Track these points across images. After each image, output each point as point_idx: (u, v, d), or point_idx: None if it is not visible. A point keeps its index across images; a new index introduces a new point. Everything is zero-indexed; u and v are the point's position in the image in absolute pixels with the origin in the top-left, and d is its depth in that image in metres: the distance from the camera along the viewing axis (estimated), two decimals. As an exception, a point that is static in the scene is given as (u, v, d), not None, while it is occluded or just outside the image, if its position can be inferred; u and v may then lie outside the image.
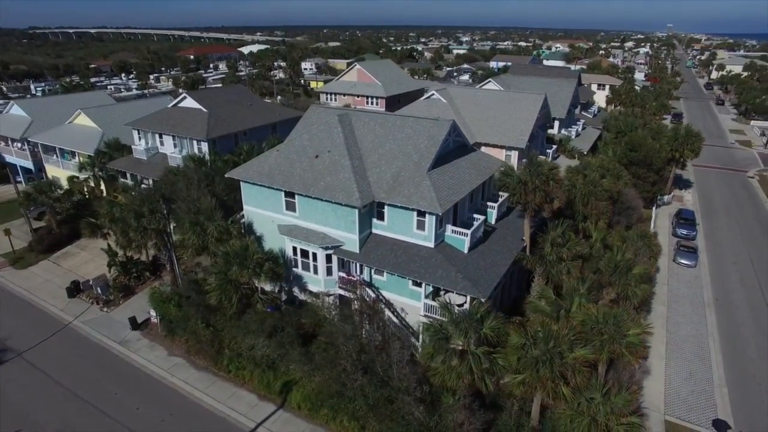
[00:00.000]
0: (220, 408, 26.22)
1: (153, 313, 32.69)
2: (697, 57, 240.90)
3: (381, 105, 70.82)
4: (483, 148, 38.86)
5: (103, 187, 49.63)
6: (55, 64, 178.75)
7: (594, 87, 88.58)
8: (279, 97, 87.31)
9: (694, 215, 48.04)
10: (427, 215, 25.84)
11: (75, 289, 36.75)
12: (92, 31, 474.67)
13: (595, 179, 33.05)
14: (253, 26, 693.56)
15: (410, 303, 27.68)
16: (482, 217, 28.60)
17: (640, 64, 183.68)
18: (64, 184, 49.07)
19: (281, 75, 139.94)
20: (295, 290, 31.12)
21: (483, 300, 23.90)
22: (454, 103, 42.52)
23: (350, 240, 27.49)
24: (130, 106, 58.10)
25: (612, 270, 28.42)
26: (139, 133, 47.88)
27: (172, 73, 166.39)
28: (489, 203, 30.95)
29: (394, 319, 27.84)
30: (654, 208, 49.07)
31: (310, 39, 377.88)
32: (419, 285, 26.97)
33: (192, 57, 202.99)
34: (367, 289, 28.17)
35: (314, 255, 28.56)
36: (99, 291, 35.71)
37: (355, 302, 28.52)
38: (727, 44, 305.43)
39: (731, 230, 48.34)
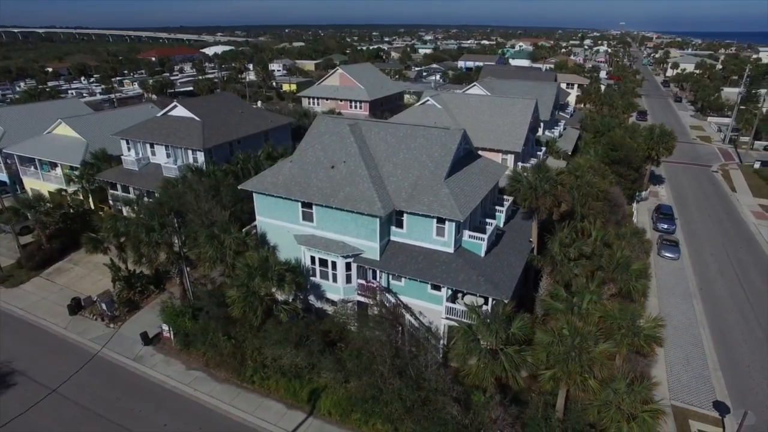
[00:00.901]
0: (250, 419, 26.47)
1: (165, 327, 32.45)
2: (652, 55, 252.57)
3: (365, 109, 71.42)
4: (479, 153, 40.17)
5: (90, 199, 48.46)
6: (6, 67, 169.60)
7: (563, 86, 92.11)
8: (259, 102, 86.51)
9: (672, 210, 51.13)
10: (446, 222, 26.89)
11: (76, 306, 35.91)
12: (40, 30, 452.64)
13: (591, 180, 34.94)
14: (212, 26, 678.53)
15: (429, 306, 28.69)
16: (494, 222, 29.91)
17: (601, 62, 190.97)
18: (46, 196, 47.51)
19: (250, 77, 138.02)
20: (311, 298, 31.59)
21: (506, 301, 25.15)
22: (448, 108, 43.77)
23: (370, 248, 28.22)
24: (111, 115, 56.61)
25: (614, 267, 30.30)
26: (128, 143, 46.86)
27: (135, 76, 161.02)
28: (497, 207, 32.30)
29: (415, 323, 28.75)
30: (634, 204, 51.90)
31: (274, 39, 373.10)
32: (438, 289, 28.03)
33: (154, 59, 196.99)
34: (387, 294, 29.01)
35: (333, 264, 29.13)
36: (104, 307, 35.02)
37: (375, 308, 29.35)
38: (676, 43, 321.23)
39: (704, 222, 51.74)
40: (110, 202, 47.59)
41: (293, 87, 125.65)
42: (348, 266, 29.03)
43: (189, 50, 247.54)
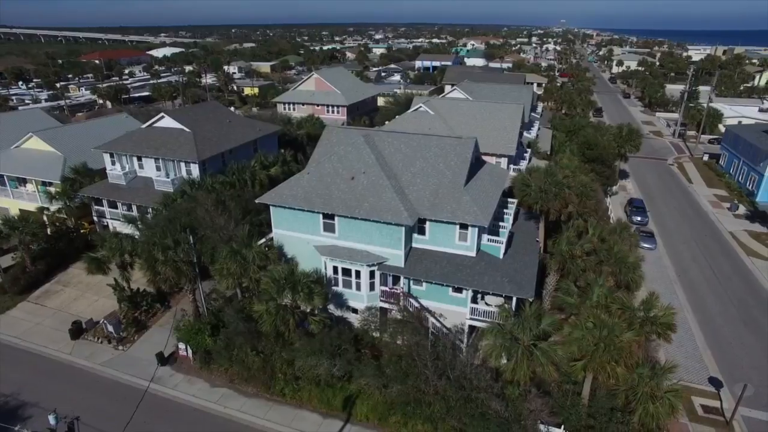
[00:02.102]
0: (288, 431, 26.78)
1: (181, 345, 31.99)
2: (595, 52, 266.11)
3: (342, 113, 71.73)
4: (474, 156, 41.85)
5: (73, 216, 46.34)
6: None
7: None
8: (233, 109, 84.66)
9: (644, 203, 55.02)
10: (469, 228, 28.24)
11: (78, 330, 34.60)
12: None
13: (584, 180, 37.29)
14: (153, 26, 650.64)
15: (451, 308, 29.98)
16: (508, 225, 31.53)
17: (550, 60, 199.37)
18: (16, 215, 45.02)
19: (207, 81, 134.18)
20: (330, 307, 32.05)
21: (531, 299, 26.79)
22: (440, 114, 45.20)
23: (395, 255, 29.12)
24: (85, 126, 54.30)
25: (613, 261, 32.72)
26: (112, 157, 45.19)
27: (81, 80, 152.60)
28: (504, 210, 33.98)
29: (438, 325, 29.93)
30: (608, 199, 55.40)
31: (222, 40, 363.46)
32: (460, 291, 29.38)
33: (98, 62, 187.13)
34: (410, 299, 30.03)
35: (357, 273, 29.79)
36: (111, 329, 33.96)
37: (397, 313, 30.31)
38: (616, 41, 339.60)
39: (671, 213, 56.05)
40: (95, 218, 45.84)
41: (255, 90, 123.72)
42: (372, 274, 29.78)
43: (135, 52, 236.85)
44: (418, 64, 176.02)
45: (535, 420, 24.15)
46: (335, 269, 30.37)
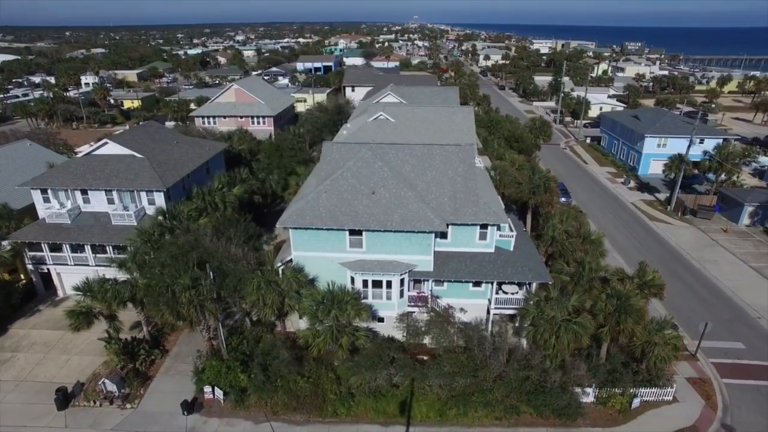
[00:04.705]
0: (357, 448, 27.15)
1: (207, 388, 30.01)
2: (456, 47, 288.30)
3: (269, 124, 69.53)
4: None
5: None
6: None
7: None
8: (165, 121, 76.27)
9: (565, 185, 63.27)
10: (489, 227, 31.04)
11: (64, 398, 30.24)
12: None
13: (546, 173, 42.47)
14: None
15: (471, 302, 32.65)
16: (507, 220, 34.96)
17: (422, 56, 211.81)
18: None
19: (77, 93, 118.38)
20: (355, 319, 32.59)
21: (550, 282, 30.57)
22: (400, 121, 47.18)
23: (424, 261, 30.79)
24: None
25: (583, 238, 38.34)
26: (44, 193, 39.28)
27: None
28: (494, 206, 37.46)
29: (465, 320, 32.39)
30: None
31: (60, 45, 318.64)
32: (479, 285, 32.21)
33: None
34: (437, 300, 32.02)
35: (389, 283, 30.81)
36: (112, 388, 30.33)
37: (425, 314, 32.17)
38: (468, 36, 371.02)
39: (582, 190, 65.30)
40: (29, 266, 39.49)
41: (137, 103, 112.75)
42: (401, 282, 31.08)
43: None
44: (299, 66, 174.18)
45: (580, 385, 27.97)
46: (365, 282, 31.02)
